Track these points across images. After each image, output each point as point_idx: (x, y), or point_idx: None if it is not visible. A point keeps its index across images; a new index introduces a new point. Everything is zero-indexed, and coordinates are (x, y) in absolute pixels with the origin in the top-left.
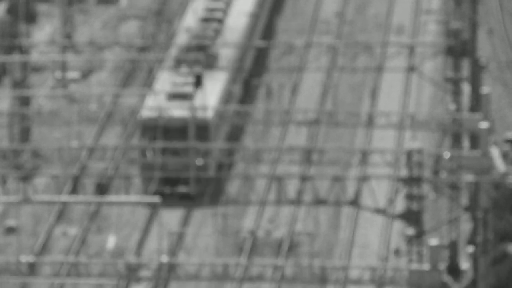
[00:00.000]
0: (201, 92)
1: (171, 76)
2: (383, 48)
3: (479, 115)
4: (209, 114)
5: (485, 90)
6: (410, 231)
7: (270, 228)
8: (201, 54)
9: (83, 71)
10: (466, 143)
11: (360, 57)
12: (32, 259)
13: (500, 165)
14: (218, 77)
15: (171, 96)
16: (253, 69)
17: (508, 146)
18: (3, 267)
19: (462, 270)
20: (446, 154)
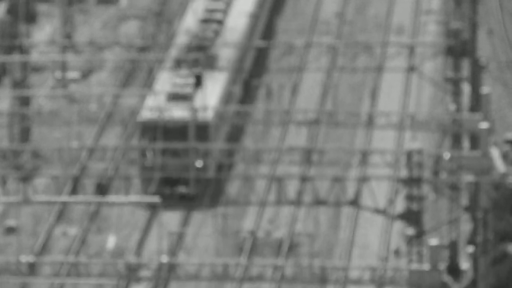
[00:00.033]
0: (201, 92)
1: (171, 77)
2: (383, 48)
3: (479, 116)
4: (209, 115)
5: (485, 90)
6: (410, 231)
7: (270, 228)
8: (201, 54)
9: (83, 71)
10: (466, 144)
11: (360, 57)
12: (32, 259)
13: (500, 165)
14: (218, 77)
15: (171, 97)
16: (253, 69)
17: (508, 146)
18: (3, 267)
19: (462, 270)
20: (446, 155)
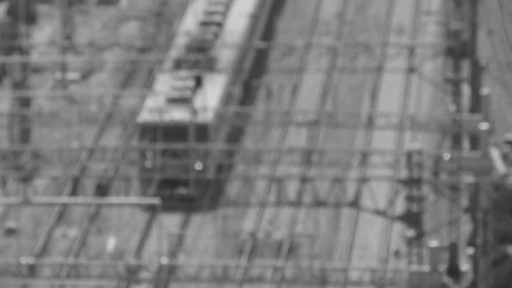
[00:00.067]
0: (201, 93)
1: (171, 79)
2: (383, 48)
3: (479, 116)
4: (208, 116)
5: (485, 91)
6: (410, 233)
7: (270, 229)
8: (200, 55)
9: (83, 72)
10: (466, 144)
11: (360, 57)
12: (32, 261)
13: (500, 166)
14: (217, 79)
15: (170, 100)
16: (253, 70)
17: (508, 147)
18: (3, 269)
19: (462, 271)
20: (446, 155)
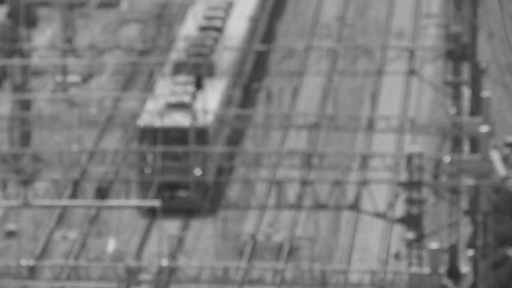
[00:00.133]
0: (201, 95)
1: (170, 84)
2: (383, 51)
3: (479, 119)
4: (208, 121)
5: (485, 94)
6: (410, 235)
7: (270, 232)
8: (200, 61)
9: (84, 75)
10: (466, 147)
11: (360, 60)
12: (32, 263)
13: (500, 169)
14: (216, 84)
15: (170, 104)
16: (253, 73)
17: (508, 149)
18: (4, 271)
19: (462, 273)
20: (446, 158)
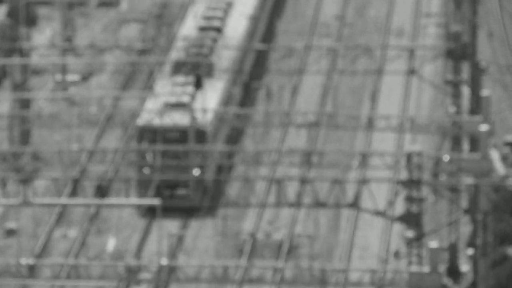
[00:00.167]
0: (200, 94)
1: (169, 84)
2: (383, 50)
3: (479, 118)
4: (206, 122)
5: (485, 93)
6: (410, 234)
7: (270, 230)
8: (199, 61)
9: (83, 74)
10: (466, 146)
11: (360, 59)
12: (32, 261)
13: (499, 167)
14: (216, 84)
15: (169, 105)
16: (253, 71)
17: (508, 148)
18: (3, 269)
19: (462, 272)
20: (446, 157)
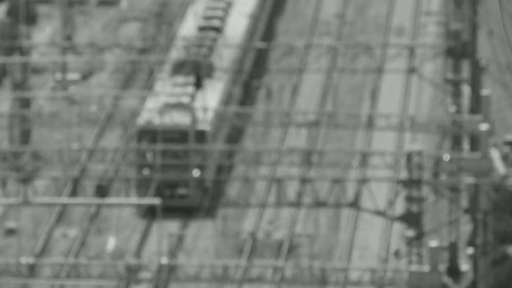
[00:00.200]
0: (201, 94)
1: (169, 85)
2: (383, 49)
3: (479, 117)
4: (206, 123)
5: (485, 92)
6: (410, 233)
7: (270, 229)
8: (198, 61)
9: (83, 73)
10: (466, 145)
11: (360, 58)
12: (32, 261)
13: (500, 167)
14: (215, 85)
15: (169, 106)
16: (253, 70)
17: (508, 148)
18: (3, 269)
19: (462, 271)
20: (446, 156)
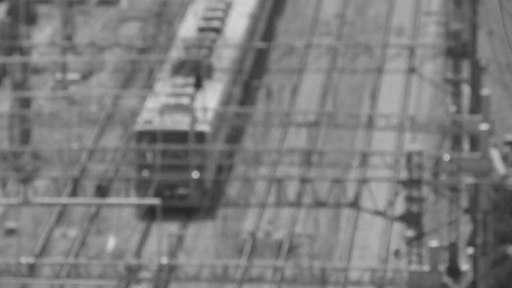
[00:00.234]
0: (200, 97)
1: (169, 86)
2: (383, 49)
3: (479, 117)
4: (205, 125)
5: (485, 92)
6: (410, 233)
7: (270, 229)
8: (198, 63)
9: (83, 73)
10: (466, 145)
11: (360, 58)
12: (32, 261)
13: (500, 167)
14: (215, 86)
15: (169, 107)
16: (253, 70)
17: (508, 148)
18: (4, 269)
19: (462, 271)
20: (446, 156)
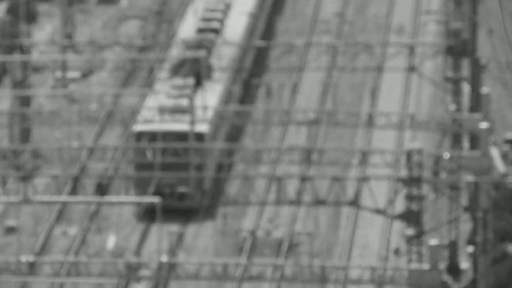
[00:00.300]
0: (199, 97)
1: (168, 87)
2: (383, 48)
3: (479, 115)
4: (204, 125)
5: (485, 90)
6: (410, 231)
7: (270, 228)
8: (197, 63)
9: (84, 71)
10: (466, 144)
11: (360, 57)
12: (32, 259)
13: (500, 165)
14: (215, 86)
15: (167, 109)
16: (253, 69)
17: (508, 146)
18: (4, 267)
19: (462, 270)
20: (446, 155)
